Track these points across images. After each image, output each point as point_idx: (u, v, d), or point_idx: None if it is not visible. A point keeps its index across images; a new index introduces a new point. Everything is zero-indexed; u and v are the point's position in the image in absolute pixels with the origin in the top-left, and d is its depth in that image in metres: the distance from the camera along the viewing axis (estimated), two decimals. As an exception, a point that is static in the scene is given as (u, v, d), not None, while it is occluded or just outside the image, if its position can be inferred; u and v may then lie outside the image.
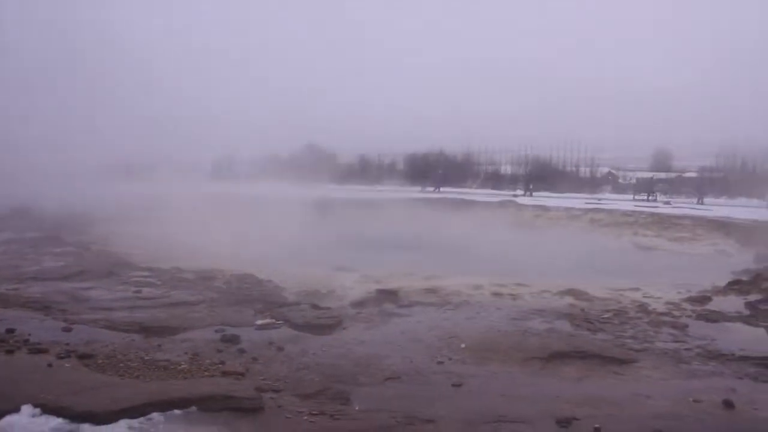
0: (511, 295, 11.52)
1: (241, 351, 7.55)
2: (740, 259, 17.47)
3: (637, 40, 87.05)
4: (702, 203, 33.89)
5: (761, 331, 9.33)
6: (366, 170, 50.29)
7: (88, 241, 17.35)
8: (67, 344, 7.41)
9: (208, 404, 5.45)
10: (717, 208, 30.10)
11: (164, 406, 5.31)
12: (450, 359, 7.43)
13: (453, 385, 6.48)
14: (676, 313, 10.36)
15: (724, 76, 77.77)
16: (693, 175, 49.97)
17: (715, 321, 9.84)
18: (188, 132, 32.68)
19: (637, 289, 12.32)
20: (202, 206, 23.25)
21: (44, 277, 12.19)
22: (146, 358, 7.06)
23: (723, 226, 22.93)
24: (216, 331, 8.46)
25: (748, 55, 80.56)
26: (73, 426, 4.98)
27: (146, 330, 8.56)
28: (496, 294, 11.55)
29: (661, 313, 10.25)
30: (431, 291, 11.59)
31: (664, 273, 15.10)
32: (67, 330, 8.27)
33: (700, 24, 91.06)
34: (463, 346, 7.93)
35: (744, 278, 13.53)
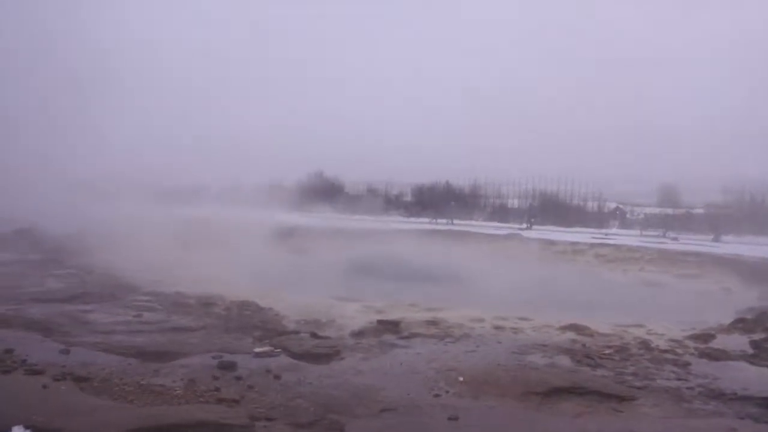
0: (513, 329, 11.44)
1: (238, 378, 7.50)
2: (745, 297, 17.34)
3: (645, 76, 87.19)
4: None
5: (765, 370, 9.21)
6: (373, 200, 50.39)
7: (91, 264, 17.36)
8: (64, 366, 7.39)
9: (200, 431, 5.41)
10: (724, 245, 30.04)
11: (155, 431, 5.27)
12: (447, 392, 7.35)
13: (449, 419, 6.41)
14: (678, 350, 10.25)
15: (731, 113, 77.85)
16: (701, 211, 49.87)
17: (718, 359, 9.73)
18: (196, 157, 32.83)
19: (640, 326, 12.23)
20: (209, 231, 23.30)
21: (46, 298, 12.19)
22: (142, 382, 7.03)
23: (729, 264, 22.81)
24: (213, 358, 8.42)
25: (755, 93, 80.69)
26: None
27: (144, 354, 8.53)
28: (498, 327, 11.47)
29: (664, 351, 10.15)
30: (433, 323, 11.52)
31: (668, 310, 15.00)
32: (65, 352, 8.26)
33: (707, 61, 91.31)
34: (461, 379, 7.86)
35: (748, 316, 13.41)
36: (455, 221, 39.44)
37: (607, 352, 9.79)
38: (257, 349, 9.04)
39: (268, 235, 25.69)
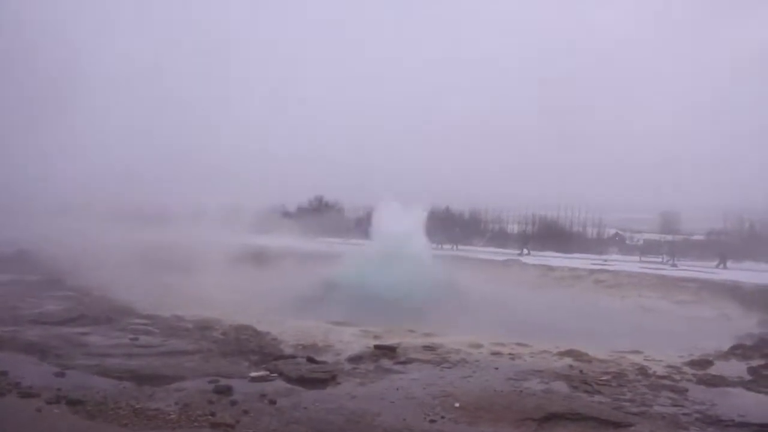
0: (511, 354, 11.40)
1: (233, 403, 7.47)
2: (744, 324, 17.27)
3: (643, 103, 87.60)
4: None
5: (762, 396, 9.19)
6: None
7: (89, 286, 17.34)
8: (59, 389, 7.38)
9: (193, 455, 5.39)
10: (723, 272, 30.02)
11: (148, 456, 5.26)
12: (443, 418, 7.32)
13: (444, 445, 6.39)
14: (676, 376, 10.22)
15: (729, 141, 78.28)
16: (701, 237, 49.90)
17: (715, 385, 9.70)
18: (194, 180, 32.72)
19: (638, 352, 12.18)
20: (208, 255, 23.26)
21: (43, 320, 12.18)
22: (137, 406, 7.01)
23: (728, 290, 22.74)
24: (209, 382, 8.39)
25: (753, 121, 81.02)
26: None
27: (139, 378, 8.52)
28: (496, 353, 11.41)
29: (661, 377, 10.11)
30: (430, 348, 11.48)
31: (666, 336, 14.95)
32: (61, 375, 8.25)
33: (704, 90, 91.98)
34: (457, 405, 7.83)
35: (747, 343, 13.40)
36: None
37: (604, 378, 9.75)
38: (253, 374, 9.02)
39: (267, 259, 25.71)
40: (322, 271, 22.67)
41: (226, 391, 7.95)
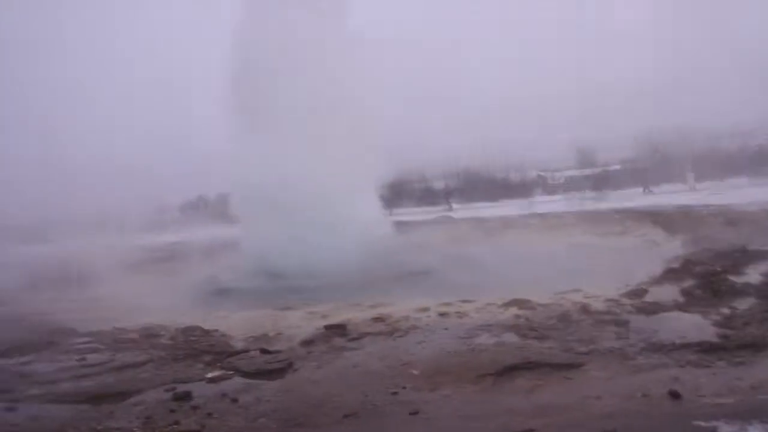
0: (458, 313, 11.62)
1: (195, 408, 7.42)
2: (669, 247, 18.11)
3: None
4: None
5: (697, 317, 9.71)
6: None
7: (23, 310, 16.71)
8: (14, 425, 7.17)
9: (167, 470, 5.37)
10: (643, 198, 31.25)
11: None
12: (404, 388, 7.47)
13: (410, 414, 6.54)
14: (616, 310, 10.68)
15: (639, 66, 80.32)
16: (617, 167, 51.67)
17: (654, 313, 10.20)
18: (119, 181, 31.77)
19: (577, 290, 12.65)
20: (138, 259, 22.76)
21: (-21, 356, 11.72)
22: (98, 428, 6.90)
23: (649, 216, 23.74)
24: (167, 390, 8.28)
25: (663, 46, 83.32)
26: None
27: (95, 398, 8.33)
28: (443, 314, 11.61)
29: (603, 312, 10.55)
30: (379, 320, 11.60)
31: (601, 271, 15.53)
32: (12, 410, 7.98)
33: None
34: (415, 372, 8.00)
35: (675, 266, 14.02)
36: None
37: (550, 323, 10.11)
38: (209, 375, 8.95)
39: (189, 254, 25.28)
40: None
41: (186, 396, 7.88)
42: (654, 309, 10.39)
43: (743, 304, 10.21)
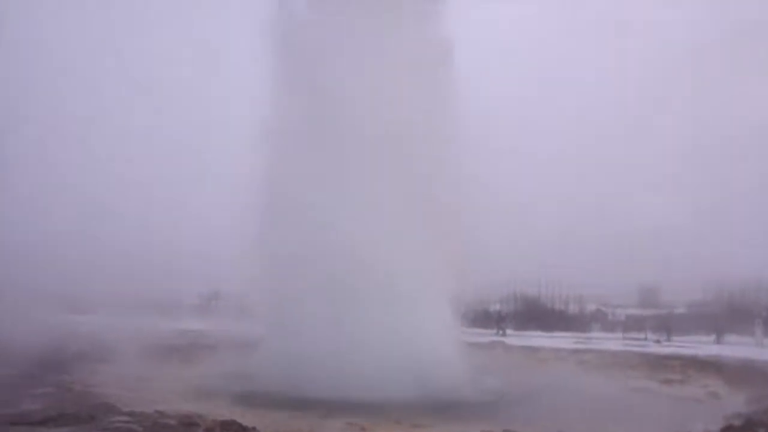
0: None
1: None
2: (731, 402, 17.23)
3: (620, 180, 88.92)
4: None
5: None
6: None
7: (70, 381, 16.90)
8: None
9: None
10: (707, 346, 30.10)
11: None
12: None
13: None
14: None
15: (709, 214, 79.15)
16: (682, 311, 50.14)
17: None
18: (169, 266, 32.35)
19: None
20: (186, 343, 22.97)
21: (19, 421, 11.80)
22: None
23: (713, 366, 22.79)
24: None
25: (733, 194, 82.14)
26: None
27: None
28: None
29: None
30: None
31: (656, 418, 14.86)
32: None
33: (685, 167, 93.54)
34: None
35: (736, 423, 13.30)
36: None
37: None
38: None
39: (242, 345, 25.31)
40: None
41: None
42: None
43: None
